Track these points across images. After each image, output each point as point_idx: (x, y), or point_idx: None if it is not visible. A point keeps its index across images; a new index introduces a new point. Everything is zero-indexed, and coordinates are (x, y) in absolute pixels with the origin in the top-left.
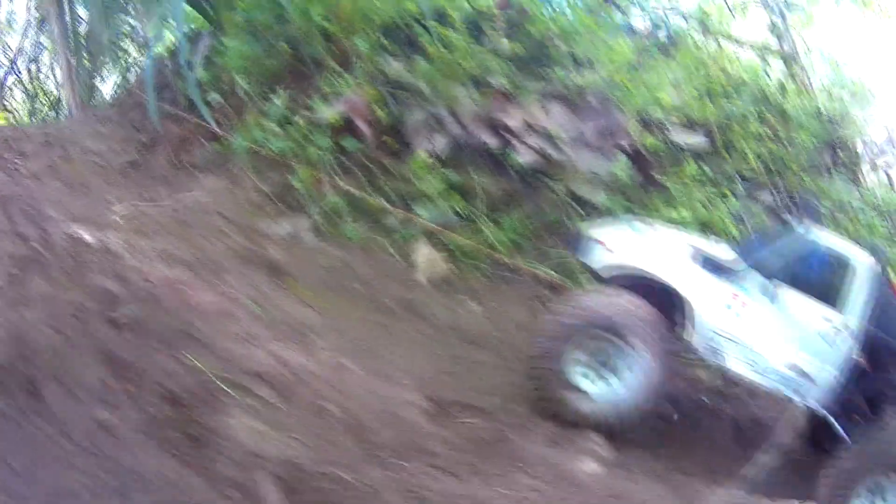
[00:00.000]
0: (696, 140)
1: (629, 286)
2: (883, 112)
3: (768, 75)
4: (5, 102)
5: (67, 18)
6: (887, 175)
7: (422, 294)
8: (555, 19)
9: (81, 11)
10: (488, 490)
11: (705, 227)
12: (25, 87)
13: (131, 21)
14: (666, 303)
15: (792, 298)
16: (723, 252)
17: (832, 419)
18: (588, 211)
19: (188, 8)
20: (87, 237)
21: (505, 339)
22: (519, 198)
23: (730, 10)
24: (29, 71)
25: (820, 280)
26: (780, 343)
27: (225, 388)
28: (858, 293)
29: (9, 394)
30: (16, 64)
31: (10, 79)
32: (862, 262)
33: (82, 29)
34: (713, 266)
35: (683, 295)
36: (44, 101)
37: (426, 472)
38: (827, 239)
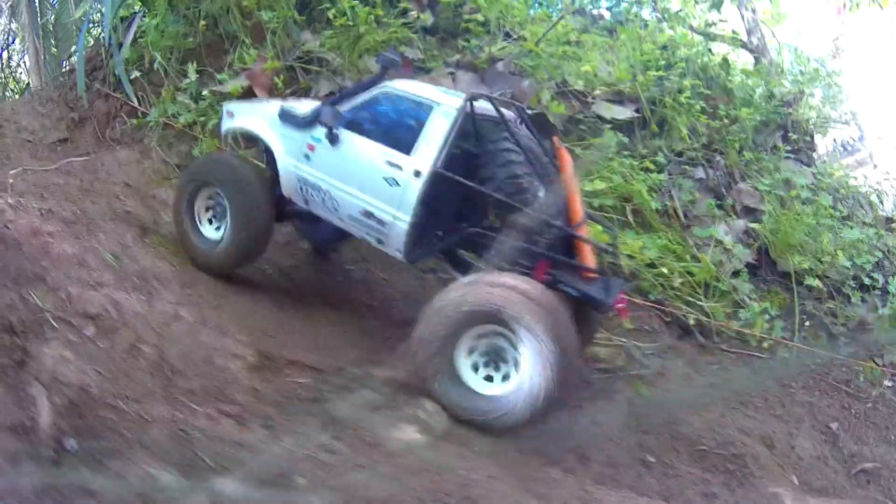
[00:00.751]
0: (622, 113)
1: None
2: (855, 108)
3: (711, 52)
4: None
5: (36, 5)
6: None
7: (304, 260)
8: None
9: None
10: (272, 443)
11: (625, 200)
12: None
13: (99, 7)
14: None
15: (362, 145)
16: (304, 108)
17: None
18: None
19: None
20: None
21: (379, 308)
22: None
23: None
24: (0, 59)
25: (396, 127)
26: (351, 189)
27: (54, 323)
28: (430, 137)
29: None
30: None
31: None
32: (439, 106)
33: (52, 16)
34: (292, 121)
35: (270, 147)
36: (14, 90)
37: (212, 417)
38: (407, 87)
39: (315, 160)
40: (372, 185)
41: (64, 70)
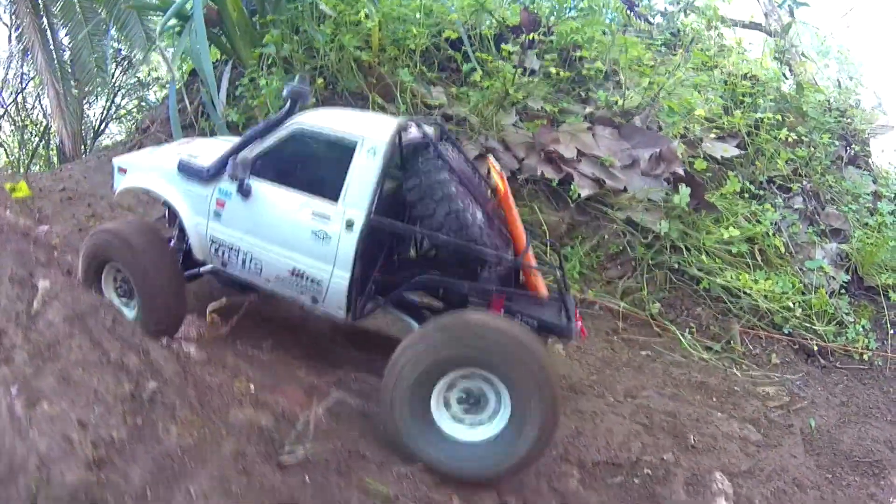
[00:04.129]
0: (730, 151)
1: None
2: (873, 79)
3: (786, 76)
4: None
5: (52, 47)
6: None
7: None
8: (580, 32)
9: (65, 39)
10: None
11: (751, 243)
12: (13, 119)
13: (115, 45)
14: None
15: (280, 196)
16: (206, 154)
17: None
18: (650, 239)
19: None
20: (193, 352)
21: (600, 381)
22: (581, 229)
23: None
24: (16, 102)
25: (316, 170)
26: (274, 248)
27: None
28: (359, 179)
29: None
30: (2, 96)
31: None
32: (363, 142)
33: (67, 56)
34: (195, 174)
35: (173, 207)
36: (33, 131)
37: None
38: (322, 122)
39: (227, 217)
40: (298, 240)
41: (134, 126)
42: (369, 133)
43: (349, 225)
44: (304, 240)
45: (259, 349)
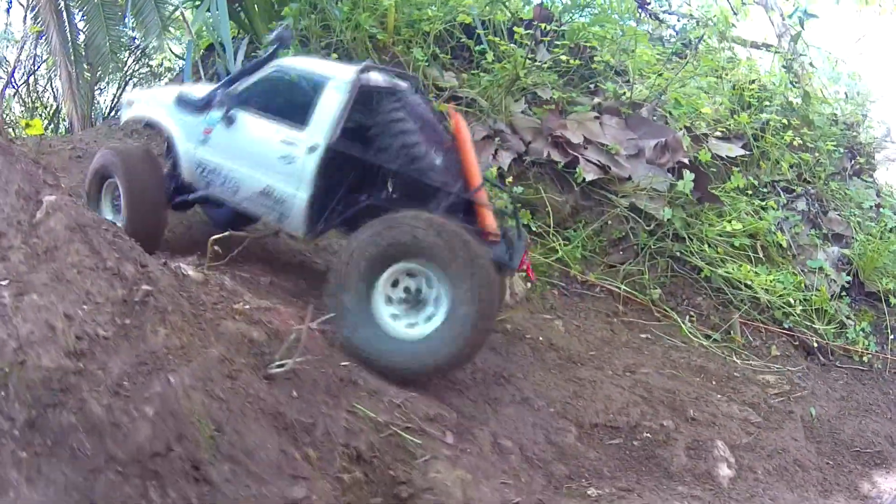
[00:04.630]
0: (735, 151)
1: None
2: (882, 107)
3: (793, 84)
4: (4, 116)
5: (67, 29)
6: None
7: (511, 314)
8: (590, 29)
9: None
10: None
11: (754, 238)
12: (23, 100)
13: (130, 32)
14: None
15: (257, 124)
16: (201, 93)
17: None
18: (652, 227)
19: None
20: (192, 273)
21: (599, 357)
22: (584, 213)
23: (733, 11)
24: (27, 84)
25: (290, 103)
26: (248, 170)
27: (409, 437)
28: (324, 111)
29: (173, 486)
30: (13, 77)
31: (8, 92)
32: (332, 78)
33: (81, 39)
34: (189, 105)
35: (168, 133)
36: (42, 114)
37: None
38: (299, 63)
39: (212, 143)
40: (269, 163)
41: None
42: (338, 72)
43: (312, 149)
44: (274, 162)
45: (257, 282)
